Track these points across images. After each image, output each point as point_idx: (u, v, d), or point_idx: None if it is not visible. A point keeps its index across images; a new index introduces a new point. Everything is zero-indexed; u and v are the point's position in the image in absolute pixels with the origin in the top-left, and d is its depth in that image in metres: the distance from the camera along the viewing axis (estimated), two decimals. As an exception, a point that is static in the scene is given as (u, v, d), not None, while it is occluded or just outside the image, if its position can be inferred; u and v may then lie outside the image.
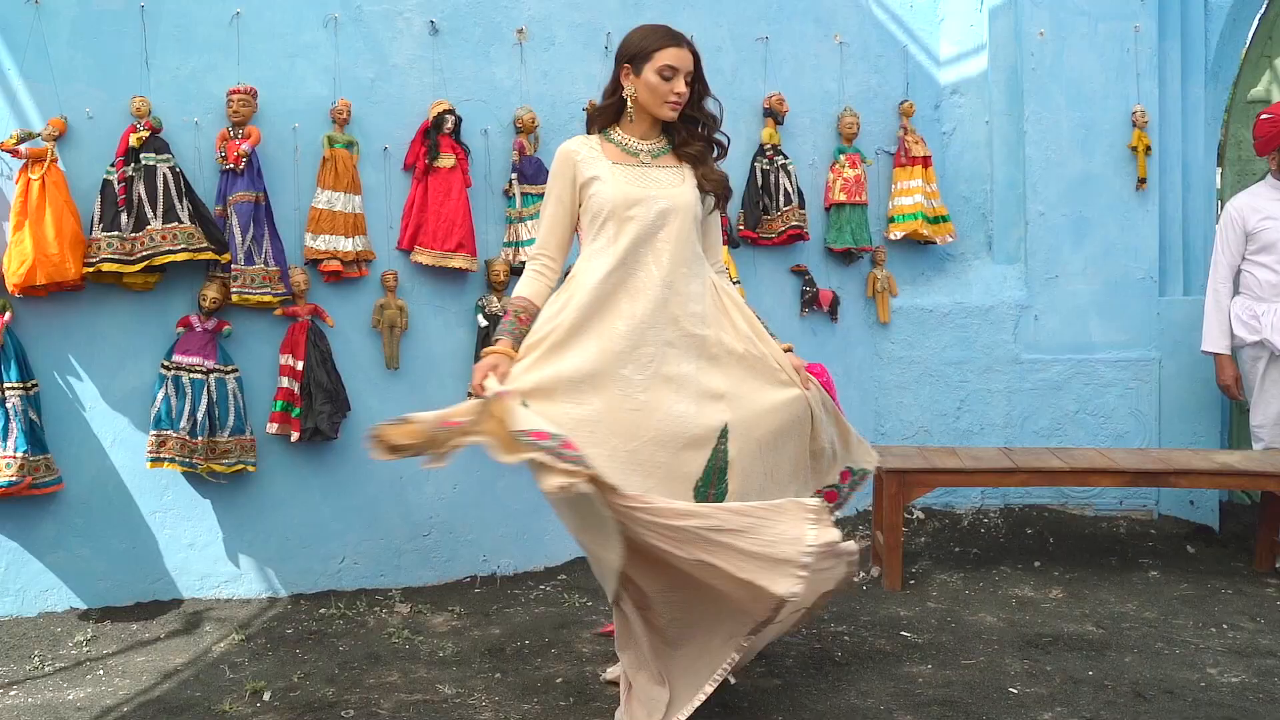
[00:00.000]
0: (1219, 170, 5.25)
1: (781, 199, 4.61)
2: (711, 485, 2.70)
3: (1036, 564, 4.38)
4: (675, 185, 2.77)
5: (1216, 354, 4.54)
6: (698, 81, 2.78)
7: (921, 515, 4.92)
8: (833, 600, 2.90)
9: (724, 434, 2.70)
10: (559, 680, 3.20)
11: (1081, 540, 4.65)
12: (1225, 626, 3.65)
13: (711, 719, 2.87)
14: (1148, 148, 4.81)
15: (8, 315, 3.59)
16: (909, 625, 3.66)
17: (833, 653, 3.40)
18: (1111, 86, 4.85)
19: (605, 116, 2.83)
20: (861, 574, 4.26)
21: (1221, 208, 4.79)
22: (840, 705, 2.99)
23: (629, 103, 2.77)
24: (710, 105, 2.86)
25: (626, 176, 2.74)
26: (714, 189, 2.82)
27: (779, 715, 2.92)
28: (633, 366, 2.65)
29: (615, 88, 2.80)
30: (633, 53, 2.74)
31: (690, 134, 2.82)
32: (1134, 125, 4.81)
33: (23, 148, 3.54)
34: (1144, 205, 4.86)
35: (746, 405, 2.74)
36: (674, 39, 2.72)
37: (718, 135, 2.87)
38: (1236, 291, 4.53)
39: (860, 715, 2.94)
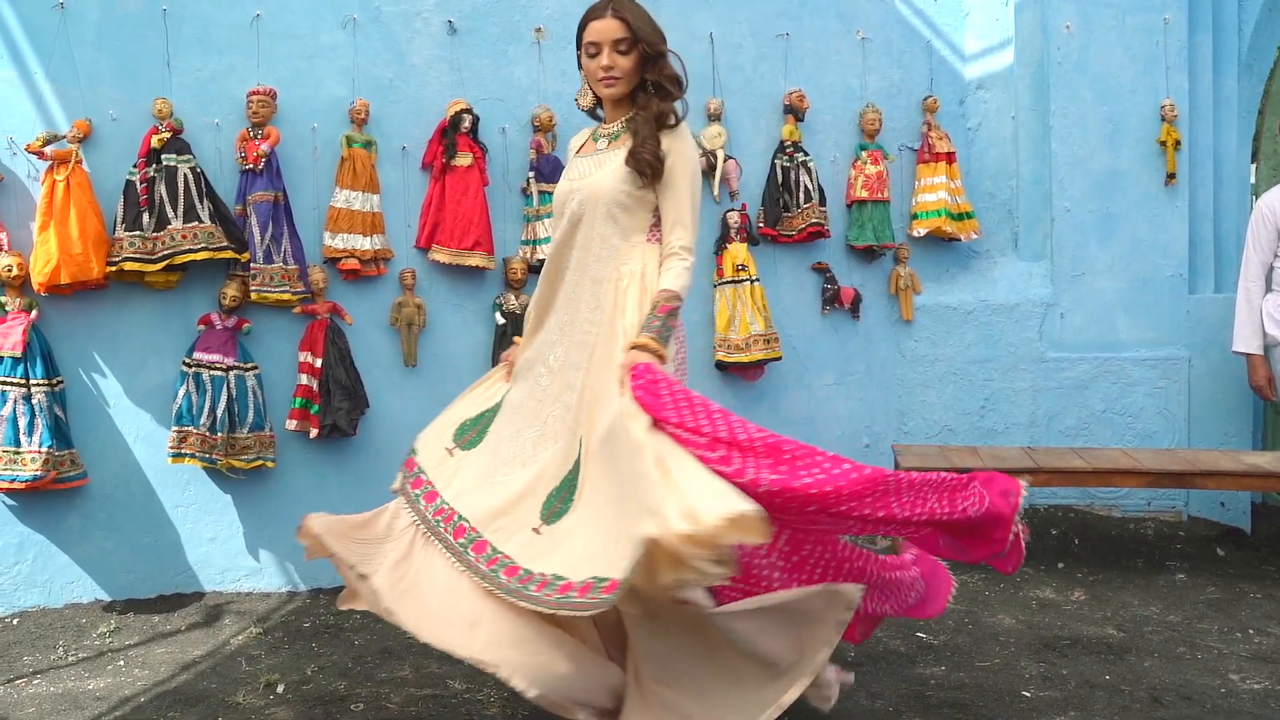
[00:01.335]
0: (1253, 165, 5.13)
1: (802, 196, 4.58)
2: (559, 499, 2.48)
3: (1060, 565, 4.31)
4: (600, 170, 2.60)
5: (1248, 354, 4.44)
6: (641, 45, 2.53)
7: (945, 515, 4.86)
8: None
9: (581, 443, 2.49)
10: (568, 677, 3.20)
11: (1107, 542, 4.58)
12: (1251, 631, 3.58)
13: (716, 718, 2.87)
14: (1177, 142, 4.71)
15: (34, 313, 3.68)
16: (925, 626, 3.63)
17: (845, 652, 3.37)
18: (1140, 80, 4.76)
19: (589, 109, 2.78)
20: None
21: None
22: (849, 706, 2.97)
23: (586, 89, 2.67)
24: (675, 65, 2.60)
25: (576, 168, 2.69)
26: (639, 165, 2.52)
27: (783, 715, 2.90)
28: (553, 355, 2.67)
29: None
30: (576, 40, 2.66)
31: (640, 105, 2.58)
32: (1163, 119, 4.71)
33: (48, 149, 3.63)
34: (1173, 201, 4.76)
35: (598, 414, 2.44)
36: (594, 11, 2.56)
37: (665, 106, 2.55)
38: (1269, 289, 4.43)
39: (869, 716, 2.92)
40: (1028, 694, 3.07)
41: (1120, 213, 4.81)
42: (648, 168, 2.51)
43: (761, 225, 4.61)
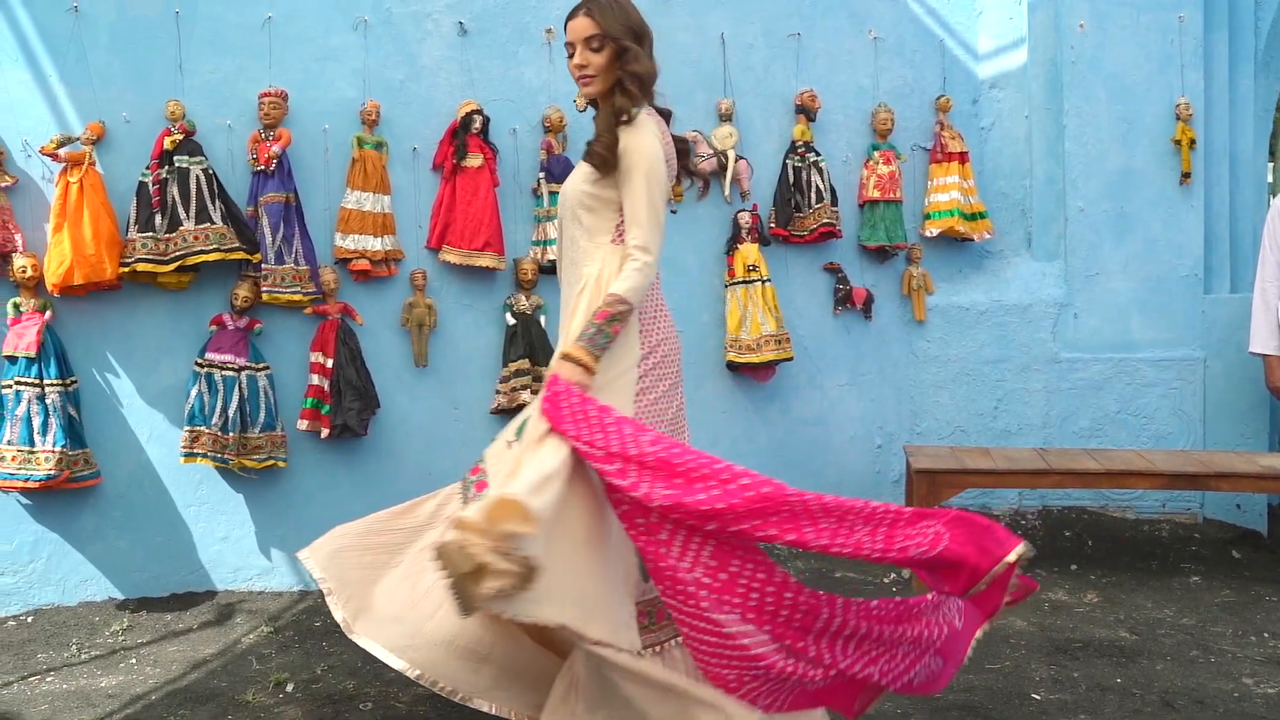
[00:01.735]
0: (1270, 164, 5.09)
1: (814, 196, 4.56)
2: None
3: (1073, 567, 4.28)
4: (574, 171, 2.61)
5: (1265, 355, 4.40)
6: (610, 41, 2.47)
7: (957, 516, 4.84)
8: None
9: None
10: (576, 677, 3.21)
11: (1121, 544, 4.54)
12: (1266, 635, 3.55)
13: None
14: (1192, 141, 4.67)
15: (48, 314, 3.71)
16: (935, 628, 3.61)
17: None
18: (1154, 79, 4.73)
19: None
20: (892, 575, 4.22)
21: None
22: (857, 708, 2.96)
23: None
24: (651, 62, 2.51)
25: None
26: (590, 159, 2.49)
27: None
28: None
29: None
30: None
31: (607, 101, 2.53)
32: (1178, 118, 4.68)
33: (62, 152, 3.66)
34: (1188, 200, 4.73)
35: None
36: (571, 11, 2.52)
37: (622, 101, 2.47)
38: (1286, 289, 4.39)
39: (877, 719, 2.90)
40: (1038, 697, 3.05)
41: (1135, 212, 4.77)
42: (598, 160, 2.46)
43: (773, 225, 4.60)
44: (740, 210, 4.52)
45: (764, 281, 4.47)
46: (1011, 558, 2.15)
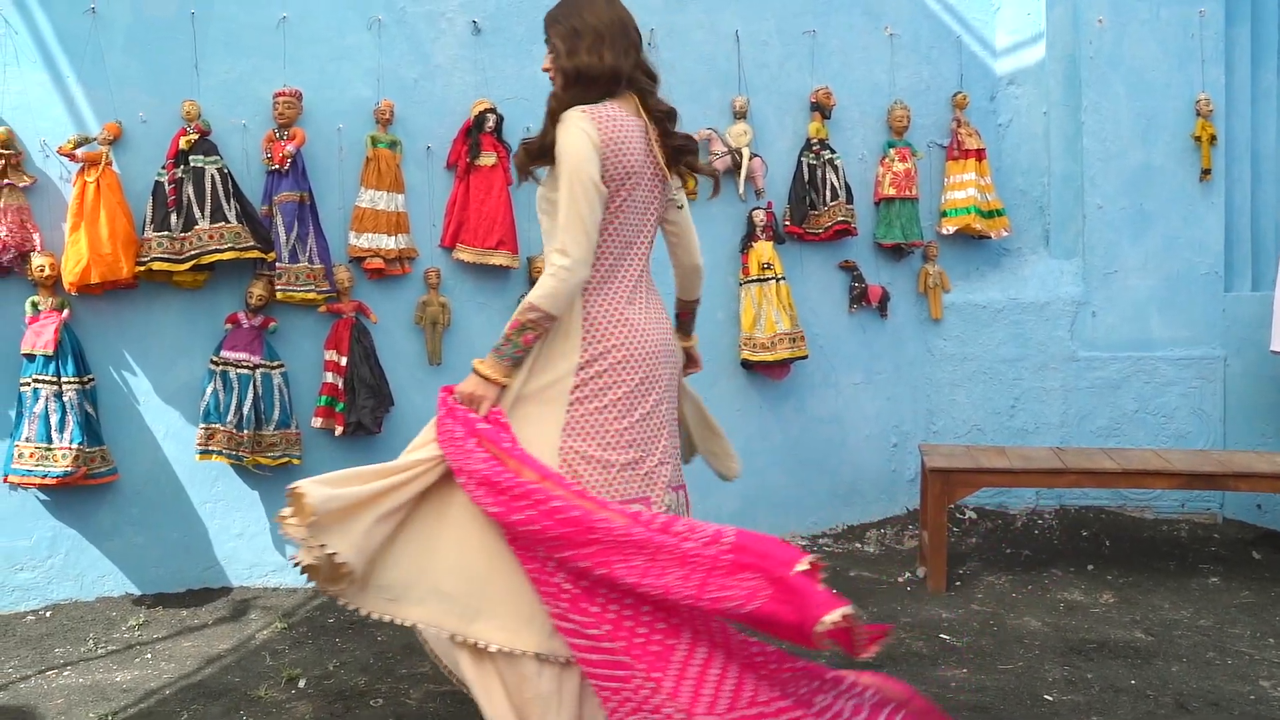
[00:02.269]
0: (1293, 160, 5.02)
1: (829, 194, 4.55)
2: None
3: (1089, 567, 4.25)
4: None
5: (1286, 353, 4.35)
6: (560, 39, 2.39)
7: (974, 515, 4.81)
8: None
9: None
10: (586, 675, 3.21)
11: (1139, 544, 4.50)
12: (1285, 637, 3.51)
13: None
14: (1212, 137, 4.62)
15: (65, 313, 3.74)
16: (949, 627, 3.59)
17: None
18: (1174, 74, 4.68)
19: None
20: (907, 574, 4.20)
21: (1294, 199, 4.59)
22: (867, 708, 2.94)
23: None
24: (586, 57, 2.35)
25: None
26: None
27: None
28: None
29: None
30: None
31: None
32: (1198, 114, 4.63)
33: (79, 152, 3.69)
34: (1208, 197, 4.67)
35: None
36: None
37: (552, 103, 2.39)
38: (1308, 287, 4.33)
39: None
40: (1050, 698, 3.02)
41: (1154, 209, 4.73)
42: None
43: (788, 223, 4.59)
44: (755, 208, 4.51)
45: (779, 279, 4.46)
46: (820, 628, 1.98)
